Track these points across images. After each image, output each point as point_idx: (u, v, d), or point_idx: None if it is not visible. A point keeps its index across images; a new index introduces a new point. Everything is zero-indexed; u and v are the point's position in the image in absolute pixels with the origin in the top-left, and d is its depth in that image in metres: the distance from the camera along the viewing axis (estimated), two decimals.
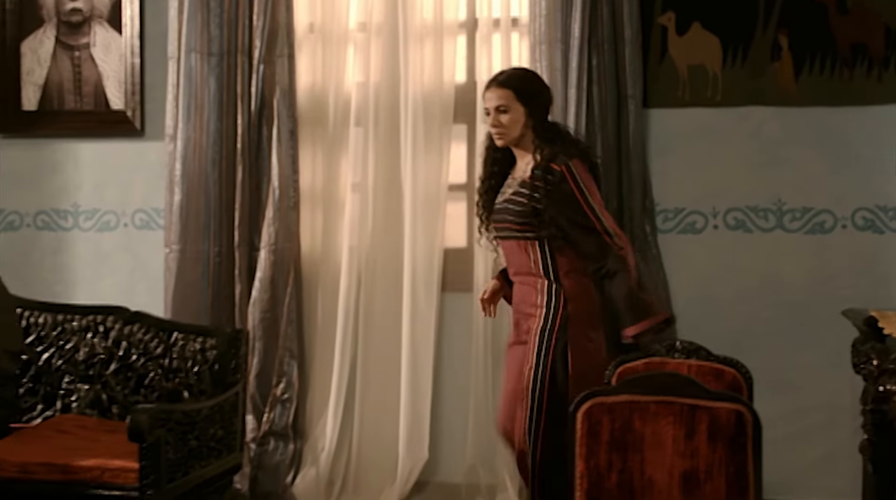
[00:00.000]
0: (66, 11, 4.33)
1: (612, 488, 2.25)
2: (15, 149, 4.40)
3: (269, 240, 4.00)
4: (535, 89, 3.27)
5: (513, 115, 3.21)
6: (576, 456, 2.27)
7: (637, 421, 2.24)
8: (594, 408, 2.27)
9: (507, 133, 3.24)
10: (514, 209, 3.19)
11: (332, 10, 4.04)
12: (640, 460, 2.24)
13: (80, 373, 3.60)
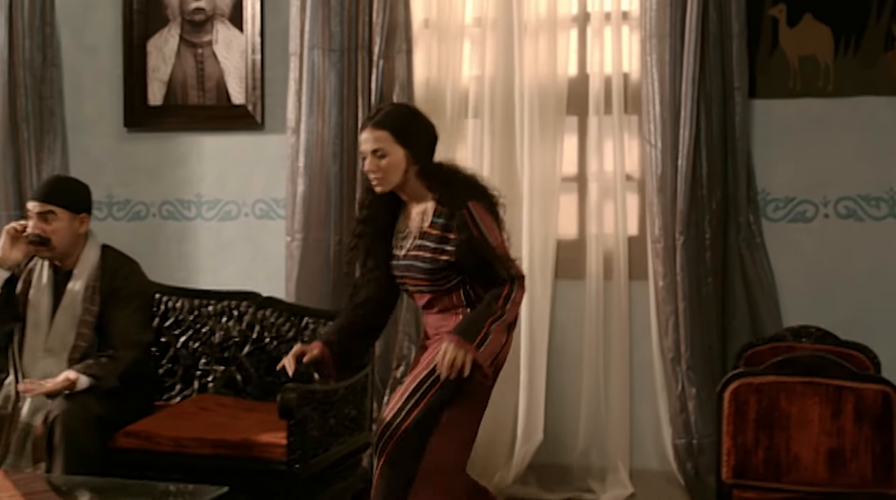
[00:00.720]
0: (189, 11, 4.52)
1: (758, 464, 2.36)
2: (141, 142, 4.62)
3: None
4: (416, 128, 2.90)
5: (391, 158, 2.82)
6: (723, 434, 2.37)
7: (783, 401, 2.34)
8: (741, 388, 2.37)
9: (385, 179, 2.84)
10: (423, 267, 2.83)
11: (449, 6, 4.17)
12: (786, 438, 2.34)
13: (215, 355, 3.80)
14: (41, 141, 4.55)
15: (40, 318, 3.38)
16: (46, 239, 3.35)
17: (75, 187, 3.48)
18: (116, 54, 4.62)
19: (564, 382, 4.15)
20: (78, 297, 3.37)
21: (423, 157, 2.87)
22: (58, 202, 3.37)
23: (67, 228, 3.38)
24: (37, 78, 4.54)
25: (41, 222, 3.35)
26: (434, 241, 2.82)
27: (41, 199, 3.38)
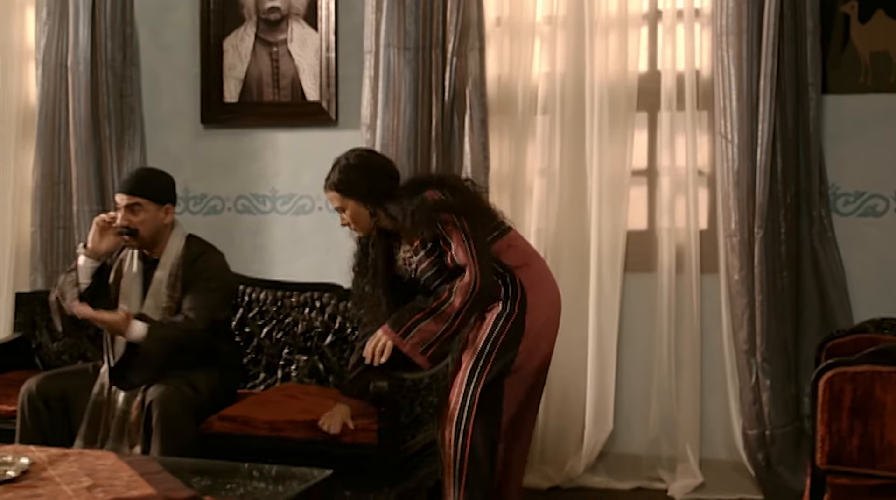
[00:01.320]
0: (265, 10, 4.64)
1: (852, 450, 2.42)
2: (217, 138, 4.75)
3: None
4: (354, 180, 3.20)
5: (350, 211, 3.21)
6: (817, 421, 2.44)
7: (878, 390, 2.40)
8: (836, 377, 2.44)
9: (358, 226, 3.24)
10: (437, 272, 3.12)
11: (520, 4, 4.25)
12: (880, 425, 2.41)
13: (298, 345, 3.92)
14: (122, 138, 4.69)
15: (131, 307, 3.51)
16: (134, 230, 3.48)
17: (160, 179, 3.61)
18: (193, 53, 4.74)
19: (634, 372, 4.23)
20: (162, 285, 3.50)
21: (375, 197, 3.17)
22: (143, 194, 3.50)
23: (153, 219, 3.50)
24: (118, 77, 4.67)
25: (128, 214, 3.48)
26: (433, 252, 3.10)
27: (128, 191, 3.50)
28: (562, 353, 4.18)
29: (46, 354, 4.28)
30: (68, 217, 4.72)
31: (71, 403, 3.41)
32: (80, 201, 4.64)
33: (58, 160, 4.72)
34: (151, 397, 3.25)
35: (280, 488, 2.59)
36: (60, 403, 3.40)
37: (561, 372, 4.20)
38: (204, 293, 3.48)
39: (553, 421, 4.22)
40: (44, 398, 3.38)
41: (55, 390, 3.41)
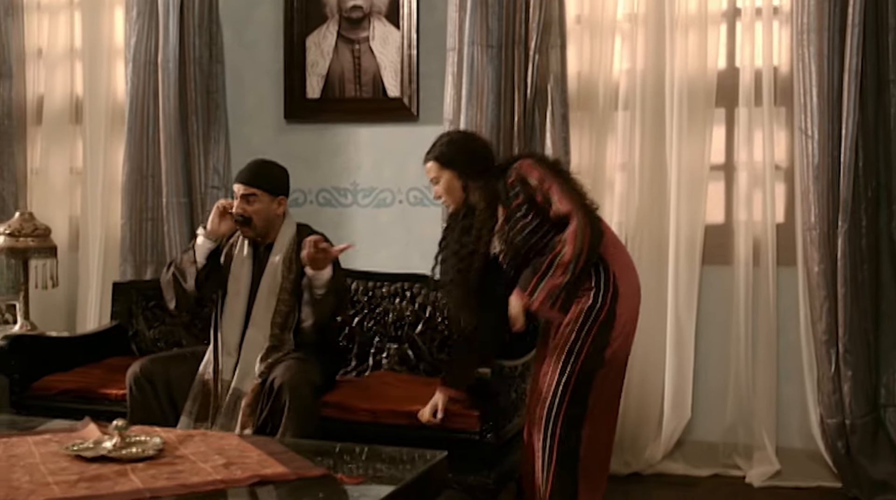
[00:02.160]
0: (347, 8, 4.78)
1: None
2: (300, 133, 4.89)
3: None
4: (453, 153, 3.36)
5: (444, 182, 3.36)
6: None
7: None
8: None
9: (450, 198, 3.38)
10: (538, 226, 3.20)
11: (601, 3, 4.36)
12: None
13: (389, 333, 4.06)
14: (208, 132, 4.85)
15: (240, 288, 3.67)
16: (248, 218, 3.63)
17: (275, 171, 3.75)
18: (276, 50, 4.89)
19: (711, 362, 4.33)
20: (277, 268, 3.64)
21: (469, 173, 3.31)
22: (259, 185, 3.65)
23: (266, 209, 3.66)
24: (204, 74, 4.82)
25: (244, 203, 3.64)
26: (529, 212, 3.19)
27: (244, 182, 3.66)
28: (641, 343, 4.29)
29: (143, 341, 4.45)
30: (156, 209, 4.89)
31: (174, 384, 3.57)
32: (168, 194, 4.81)
33: (146, 155, 4.89)
34: (282, 379, 3.38)
35: (402, 468, 2.71)
36: (165, 384, 3.56)
37: (640, 361, 4.32)
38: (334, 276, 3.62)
39: (633, 409, 4.33)
40: (149, 380, 3.54)
41: (159, 372, 3.57)
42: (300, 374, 3.43)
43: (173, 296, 3.67)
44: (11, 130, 5.18)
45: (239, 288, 3.67)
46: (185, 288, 3.62)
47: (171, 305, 3.71)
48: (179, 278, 3.63)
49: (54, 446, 2.86)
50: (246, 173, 3.70)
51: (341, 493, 2.49)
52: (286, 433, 3.30)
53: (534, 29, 4.32)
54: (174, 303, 3.69)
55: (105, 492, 2.42)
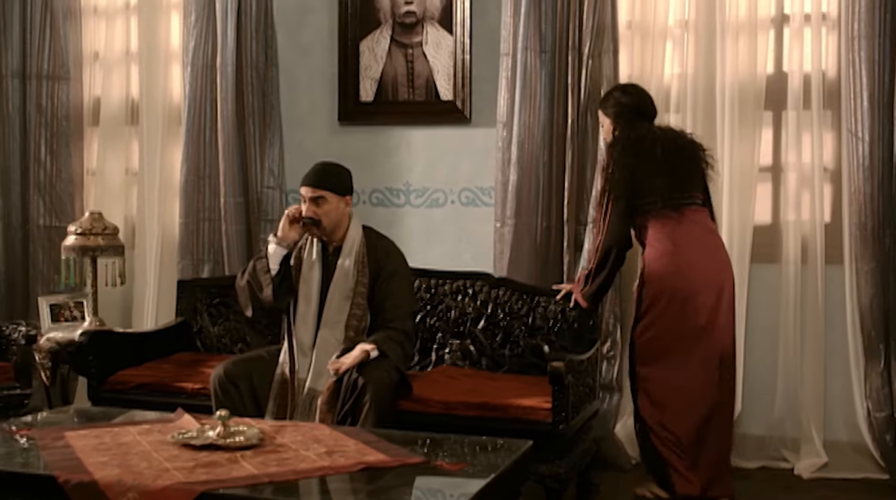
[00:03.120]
0: (401, 14, 4.91)
1: None
2: (354, 135, 5.02)
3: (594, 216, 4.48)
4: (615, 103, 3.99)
5: (605, 127, 4.03)
6: None
7: None
8: None
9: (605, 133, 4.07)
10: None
11: (652, 9, 4.49)
12: None
13: (451, 330, 4.19)
14: (264, 135, 4.98)
15: (311, 292, 3.79)
16: (318, 220, 3.76)
17: (341, 173, 3.87)
18: (330, 54, 5.02)
19: (760, 357, 4.47)
20: (349, 272, 3.76)
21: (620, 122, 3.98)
22: (327, 187, 3.77)
23: (335, 210, 3.78)
24: (261, 77, 4.95)
25: (313, 205, 3.76)
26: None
27: (313, 184, 3.78)
28: None
29: (207, 337, 4.58)
30: (213, 209, 5.02)
31: (257, 385, 3.69)
32: (226, 194, 4.94)
33: (203, 156, 5.02)
34: (364, 379, 3.49)
35: (494, 456, 2.84)
36: (248, 385, 3.67)
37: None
38: (401, 289, 3.77)
39: None
40: (233, 382, 3.65)
41: (242, 374, 3.68)
42: (381, 372, 3.55)
43: (249, 304, 3.78)
44: (69, 132, 5.31)
45: (310, 291, 3.78)
46: (261, 297, 3.73)
47: (247, 312, 3.82)
48: (255, 288, 3.74)
49: (157, 435, 2.99)
50: (313, 176, 3.81)
51: (444, 479, 2.61)
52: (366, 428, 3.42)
53: (586, 34, 4.46)
54: (251, 311, 3.80)
55: (224, 477, 2.55)
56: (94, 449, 2.81)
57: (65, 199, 5.29)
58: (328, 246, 3.86)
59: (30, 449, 2.85)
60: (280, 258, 3.76)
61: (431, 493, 2.54)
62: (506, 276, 4.38)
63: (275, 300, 3.72)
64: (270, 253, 3.77)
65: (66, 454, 2.76)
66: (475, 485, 2.54)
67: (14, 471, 2.67)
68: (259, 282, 3.73)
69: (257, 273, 3.75)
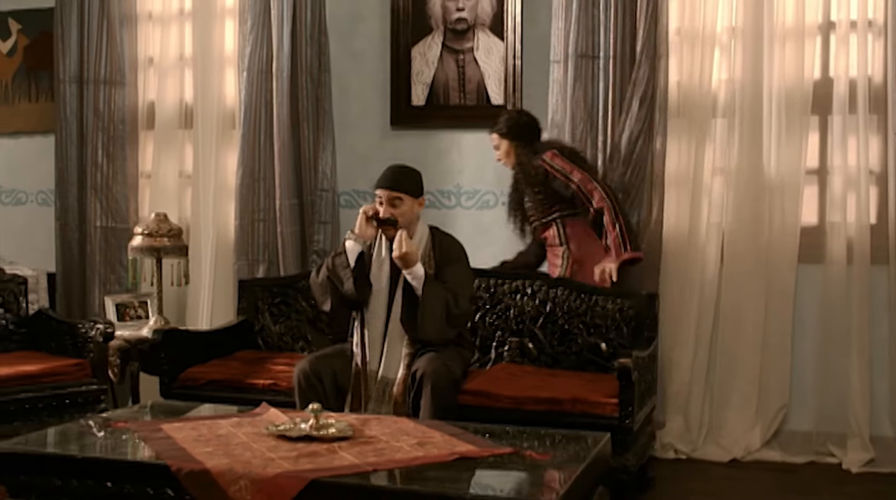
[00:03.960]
0: (452, 21, 5.04)
1: None
2: (405, 139, 5.15)
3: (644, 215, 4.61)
4: (516, 126, 4.44)
5: (503, 148, 4.49)
6: None
7: None
8: None
9: (507, 160, 4.50)
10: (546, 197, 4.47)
11: (702, 16, 4.61)
12: None
13: (510, 328, 4.32)
14: (318, 138, 5.11)
15: (381, 287, 3.92)
16: (394, 220, 3.89)
17: (414, 175, 4.00)
18: (381, 60, 5.15)
19: (807, 355, 4.59)
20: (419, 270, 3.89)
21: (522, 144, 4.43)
22: (403, 189, 3.91)
23: (410, 211, 3.92)
24: (315, 82, 5.09)
25: (389, 207, 3.89)
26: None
27: (391, 187, 3.91)
28: (740, 337, 4.59)
29: (269, 335, 4.70)
30: (268, 211, 5.15)
31: (339, 378, 3.82)
32: (281, 197, 5.07)
33: (258, 159, 5.15)
34: (423, 371, 3.64)
35: (576, 447, 2.96)
36: (332, 379, 3.80)
37: (739, 354, 4.59)
38: (462, 274, 3.89)
39: (733, 399, 4.59)
40: (317, 376, 3.79)
41: (325, 368, 3.81)
42: (441, 366, 3.68)
43: (328, 299, 3.91)
44: (125, 135, 5.45)
45: (379, 288, 3.91)
46: (342, 291, 3.86)
47: (325, 307, 3.95)
48: (335, 283, 3.87)
49: (249, 428, 3.11)
50: (390, 179, 3.94)
51: (536, 468, 2.74)
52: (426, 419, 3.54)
53: (636, 41, 4.58)
54: (329, 305, 3.92)
55: (328, 466, 2.68)
56: (196, 440, 2.94)
57: (120, 201, 5.43)
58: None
59: (133, 440, 2.98)
60: (356, 254, 3.89)
61: (528, 481, 2.66)
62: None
63: (356, 292, 3.84)
64: (349, 249, 3.90)
65: (171, 445, 2.88)
66: (569, 472, 2.66)
67: (126, 459, 2.79)
68: (339, 277, 3.86)
69: (337, 269, 3.88)
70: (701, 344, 4.64)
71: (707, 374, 4.65)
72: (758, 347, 4.57)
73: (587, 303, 4.23)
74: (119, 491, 2.74)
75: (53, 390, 3.91)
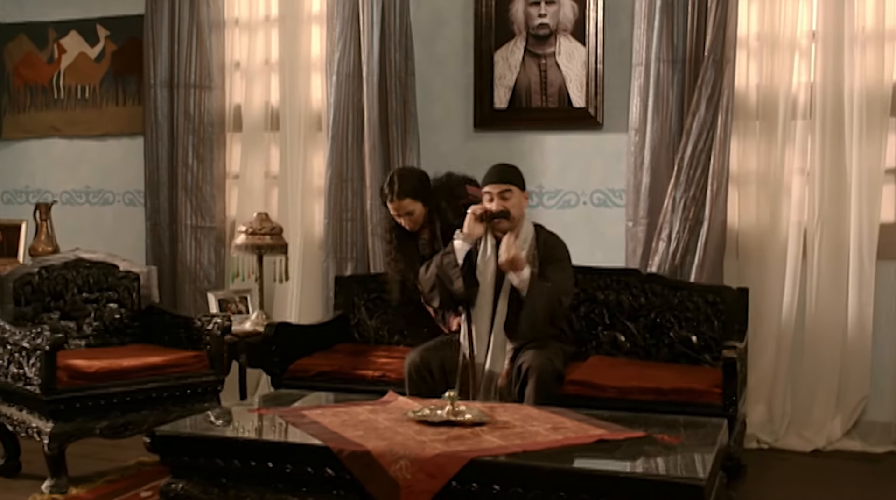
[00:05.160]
0: (534, 26, 5.21)
1: None
2: (488, 140, 5.32)
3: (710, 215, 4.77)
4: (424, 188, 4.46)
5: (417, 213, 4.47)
6: None
7: None
8: None
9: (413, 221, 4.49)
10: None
11: (782, 20, 4.77)
12: None
13: (603, 322, 4.49)
14: (405, 140, 5.28)
15: (487, 284, 4.09)
16: (507, 212, 4.06)
17: (517, 170, 4.19)
18: (464, 64, 5.33)
19: (887, 347, 4.75)
20: None
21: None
22: (511, 181, 4.10)
23: (519, 203, 4.11)
24: (402, 85, 5.26)
25: (501, 200, 4.07)
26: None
27: (499, 180, 4.09)
28: (822, 330, 4.75)
29: (365, 329, 4.89)
30: (356, 210, 5.33)
31: (447, 369, 4.00)
32: (372, 196, 5.25)
33: (346, 160, 5.33)
34: (528, 365, 3.82)
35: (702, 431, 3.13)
36: (440, 370, 3.99)
37: (821, 347, 4.75)
38: (565, 273, 4.07)
39: (817, 390, 4.75)
40: (427, 367, 3.98)
41: (435, 359, 4.00)
42: (546, 360, 3.86)
43: (437, 296, 4.10)
44: (213, 137, 5.64)
45: (485, 283, 4.09)
46: (451, 289, 4.05)
47: (434, 303, 4.15)
48: (444, 281, 4.05)
49: (385, 414, 3.29)
50: (497, 173, 4.12)
51: (673, 451, 2.90)
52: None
53: (715, 45, 4.73)
54: (438, 302, 4.12)
55: (482, 447, 2.85)
56: (343, 425, 3.12)
57: (209, 200, 5.63)
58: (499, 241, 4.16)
59: (284, 425, 3.16)
60: (465, 253, 4.07)
61: (675, 463, 2.82)
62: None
63: (465, 290, 4.02)
64: (457, 249, 4.08)
65: (322, 429, 3.07)
66: (707, 455, 2.82)
67: (288, 442, 2.98)
68: (449, 276, 4.04)
69: (446, 267, 4.06)
70: (784, 337, 4.80)
71: (790, 366, 4.81)
72: (839, 340, 4.73)
73: (678, 298, 4.40)
74: (280, 471, 2.93)
75: (177, 381, 4.09)
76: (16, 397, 3.95)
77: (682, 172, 4.80)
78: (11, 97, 6.24)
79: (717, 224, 4.76)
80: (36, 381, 3.79)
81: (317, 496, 2.89)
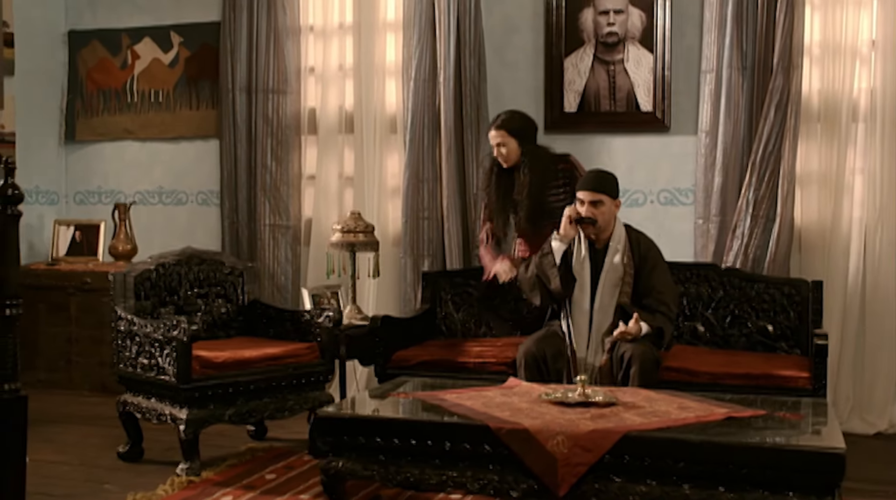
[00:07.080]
0: (603, 34, 5.49)
1: None
2: (559, 142, 5.53)
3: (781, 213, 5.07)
4: (527, 127, 4.85)
5: (508, 147, 4.80)
6: None
7: None
8: None
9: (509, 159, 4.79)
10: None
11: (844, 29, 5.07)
12: None
13: (684, 312, 4.77)
14: (478, 143, 5.54)
15: (583, 281, 4.36)
16: (594, 219, 4.33)
17: (613, 180, 4.44)
18: (533, 69, 5.60)
19: None
20: (618, 265, 4.34)
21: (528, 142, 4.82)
22: (604, 191, 4.35)
23: (609, 211, 4.36)
24: (476, 90, 5.53)
25: (591, 208, 4.33)
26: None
27: (592, 189, 4.35)
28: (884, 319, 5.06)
29: (451, 322, 5.14)
30: (432, 209, 5.59)
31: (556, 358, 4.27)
32: (449, 196, 5.51)
33: (422, 161, 5.59)
34: (630, 354, 4.08)
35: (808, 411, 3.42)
36: (553, 358, 4.25)
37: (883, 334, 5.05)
38: (666, 278, 4.36)
39: (878, 377, 5.06)
40: (541, 355, 4.24)
41: (547, 348, 4.26)
42: (647, 349, 4.13)
43: (538, 294, 4.37)
44: (290, 140, 5.88)
45: (582, 282, 4.35)
46: (550, 288, 4.32)
47: (535, 301, 4.42)
48: (544, 280, 4.32)
49: (517, 397, 3.55)
50: (592, 182, 4.38)
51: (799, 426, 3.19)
52: None
53: (783, 52, 5.03)
54: (539, 299, 4.39)
55: (629, 424, 3.11)
56: (486, 406, 3.38)
57: (287, 200, 5.86)
58: (594, 243, 4.43)
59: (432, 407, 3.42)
60: (561, 253, 4.34)
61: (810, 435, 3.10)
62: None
63: (563, 289, 4.29)
64: (555, 249, 4.35)
65: (469, 409, 3.32)
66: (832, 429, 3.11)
67: (447, 421, 3.23)
68: (547, 275, 4.31)
69: (544, 267, 4.33)
70: (846, 326, 5.09)
71: (854, 353, 5.11)
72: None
73: (754, 290, 4.70)
74: (438, 449, 3.18)
75: (294, 370, 4.33)
76: (146, 387, 4.19)
77: (753, 172, 5.09)
78: (84, 101, 6.45)
79: (787, 221, 5.05)
80: (171, 371, 4.02)
81: (475, 471, 3.15)
